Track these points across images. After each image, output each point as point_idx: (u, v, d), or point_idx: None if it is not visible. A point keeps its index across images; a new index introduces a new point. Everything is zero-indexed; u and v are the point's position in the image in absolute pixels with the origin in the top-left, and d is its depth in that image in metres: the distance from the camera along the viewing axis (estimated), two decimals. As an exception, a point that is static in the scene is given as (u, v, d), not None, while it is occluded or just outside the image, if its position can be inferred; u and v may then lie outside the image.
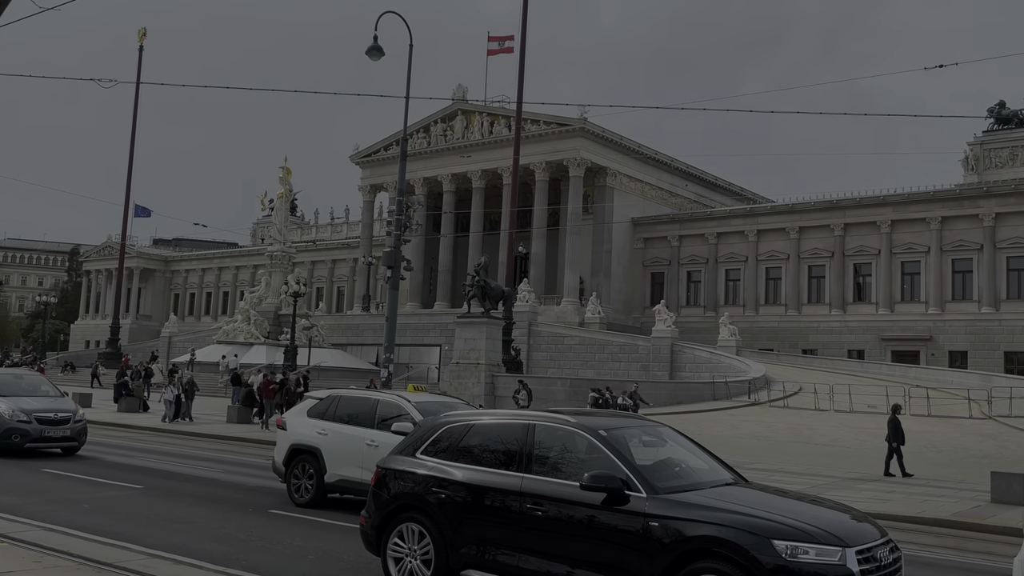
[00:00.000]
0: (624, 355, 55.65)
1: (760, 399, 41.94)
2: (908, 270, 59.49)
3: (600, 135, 67.08)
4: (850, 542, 6.65)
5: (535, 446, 8.03)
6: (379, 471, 8.95)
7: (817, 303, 62.49)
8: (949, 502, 17.10)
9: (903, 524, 14.51)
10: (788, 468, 21.87)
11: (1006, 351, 54.09)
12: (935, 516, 15.40)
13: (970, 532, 14.42)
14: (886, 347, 58.25)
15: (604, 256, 68.64)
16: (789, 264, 63.71)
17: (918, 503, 16.84)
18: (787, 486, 16.00)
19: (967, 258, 57.07)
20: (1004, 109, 61.37)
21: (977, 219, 56.42)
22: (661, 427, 8.80)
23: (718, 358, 51.57)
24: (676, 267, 69.17)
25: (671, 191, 74.79)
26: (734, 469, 8.37)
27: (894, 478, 20.95)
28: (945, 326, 56.59)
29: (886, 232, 59.64)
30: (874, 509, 15.04)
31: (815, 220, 62.73)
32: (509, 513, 7.83)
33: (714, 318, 61.09)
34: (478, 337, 44.39)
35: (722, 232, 67.36)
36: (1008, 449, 28.41)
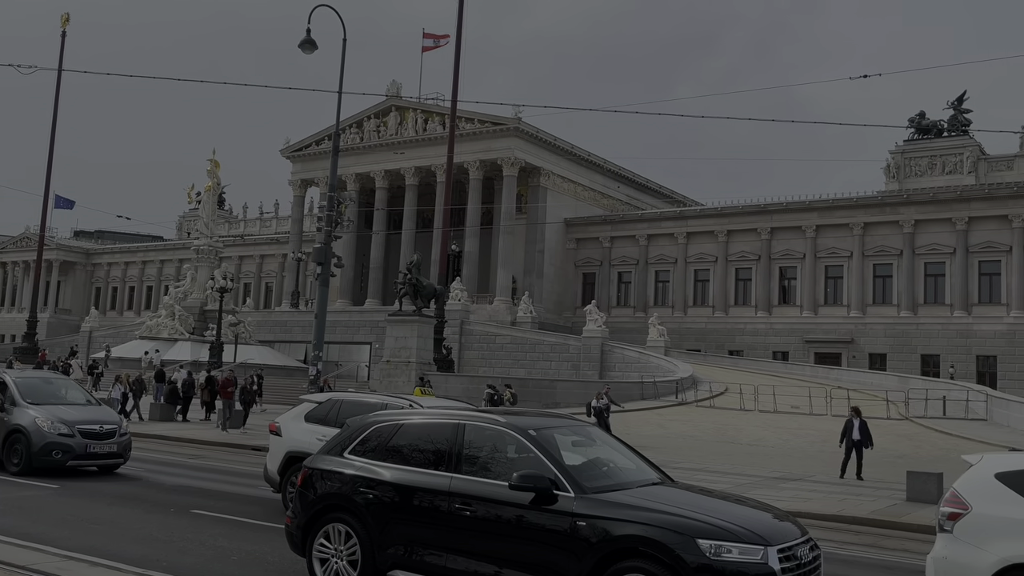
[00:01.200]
0: (555, 354, 56.02)
1: (687, 399, 42.65)
2: (831, 274, 61.12)
3: (534, 135, 67.39)
4: (772, 541, 6.79)
5: (465, 446, 8.02)
6: (305, 471, 8.85)
7: (744, 305, 63.78)
8: (867, 501, 17.59)
9: (823, 522, 14.88)
10: (713, 467, 22.27)
11: (923, 354, 55.97)
12: (854, 514, 15.83)
13: (887, 530, 14.86)
14: (809, 349, 59.77)
15: (537, 256, 68.98)
16: (717, 266, 64.88)
17: (838, 502, 17.30)
18: (712, 485, 16.28)
19: (887, 263, 58.89)
20: (924, 119, 63.48)
21: (897, 226, 58.24)
22: (590, 427, 8.88)
23: (647, 358, 52.28)
24: (607, 268, 69.87)
25: (604, 192, 75.52)
26: (660, 469, 8.48)
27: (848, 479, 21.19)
28: (866, 329, 58.31)
29: (811, 237, 61.17)
30: (796, 508, 15.41)
31: (743, 224, 64.01)
32: (438, 513, 7.81)
33: (644, 319, 61.91)
34: (409, 335, 44.18)
35: (653, 234, 68.27)
36: (923, 449, 29.39)
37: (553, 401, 41.30)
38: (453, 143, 51.42)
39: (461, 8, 48.97)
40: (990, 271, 55.60)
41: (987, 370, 53.68)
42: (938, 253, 57.01)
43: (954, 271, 56.28)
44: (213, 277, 55.88)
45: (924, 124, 63.23)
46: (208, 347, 52.15)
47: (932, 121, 63.36)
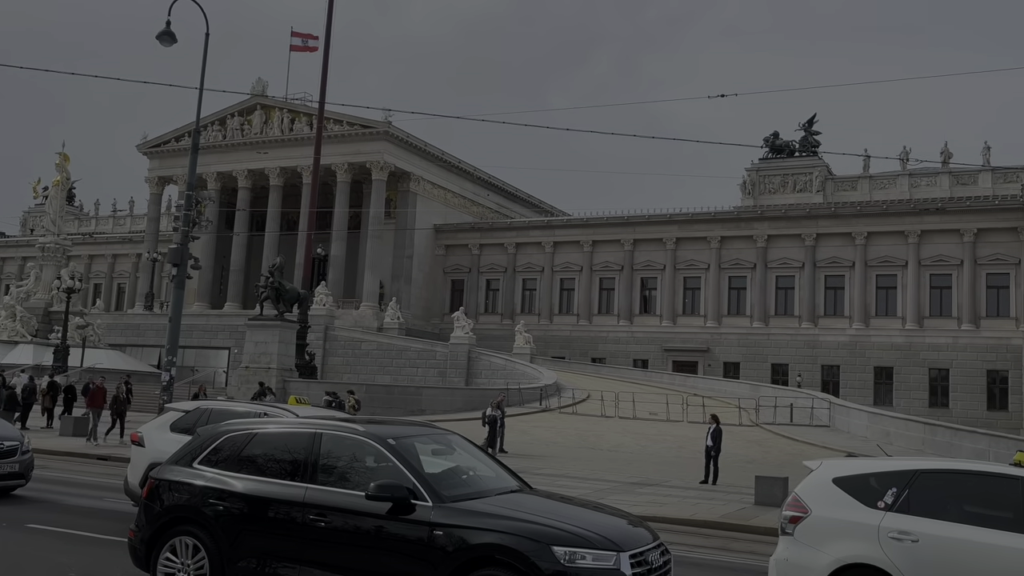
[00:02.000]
0: (422, 361, 55.79)
1: (551, 405, 43.24)
2: (690, 285, 63.39)
3: (405, 140, 67.02)
4: (624, 546, 6.95)
5: (321, 456, 7.88)
6: (152, 482, 8.48)
7: (607, 314, 65.30)
8: (719, 505, 18.28)
9: (677, 526, 15.36)
10: (574, 473, 22.64)
11: (773, 363, 58.75)
12: (705, 518, 16.42)
13: (736, 533, 15.47)
14: (668, 357, 61.75)
15: (405, 261, 68.57)
16: (582, 276, 66.21)
17: (691, 506, 17.90)
18: (572, 491, 16.57)
19: (742, 276, 61.56)
20: (778, 139, 66.74)
21: (752, 240, 60.98)
22: (451, 435, 8.86)
23: (513, 365, 52.74)
24: (476, 275, 70.19)
25: (473, 200, 75.86)
26: (519, 476, 8.55)
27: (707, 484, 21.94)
28: (721, 339, 60.73)
29: (671, 249, 63.29)
30: (651, 512, 15.87)
31: (607, 235, 65.59)
32: (292, 525, 7.64)
33: (511, 326, 62.53)
34: (270, 340, 43.08)
35: (521, 242, 69.06)
36: (772, 454, 30.79)
37: (419, 408, 41.13)
38: (320, 144, 50.62)
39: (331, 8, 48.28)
40: (835, 285, 58.95)
41: (831, 379, 56.82)
42: (788, 267, 60.04)
43: (802, 284, 59.36)
44: (60, 277, 53.00)
45: (778, 144, 66.45)
46: (52, 351, 49.40)
47: (785, 141, 66.66)
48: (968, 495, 8.49)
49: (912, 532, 8.21)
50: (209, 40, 27.24)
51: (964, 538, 8.08)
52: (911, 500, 8.40)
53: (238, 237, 69.84)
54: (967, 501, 8.43)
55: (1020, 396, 51.11)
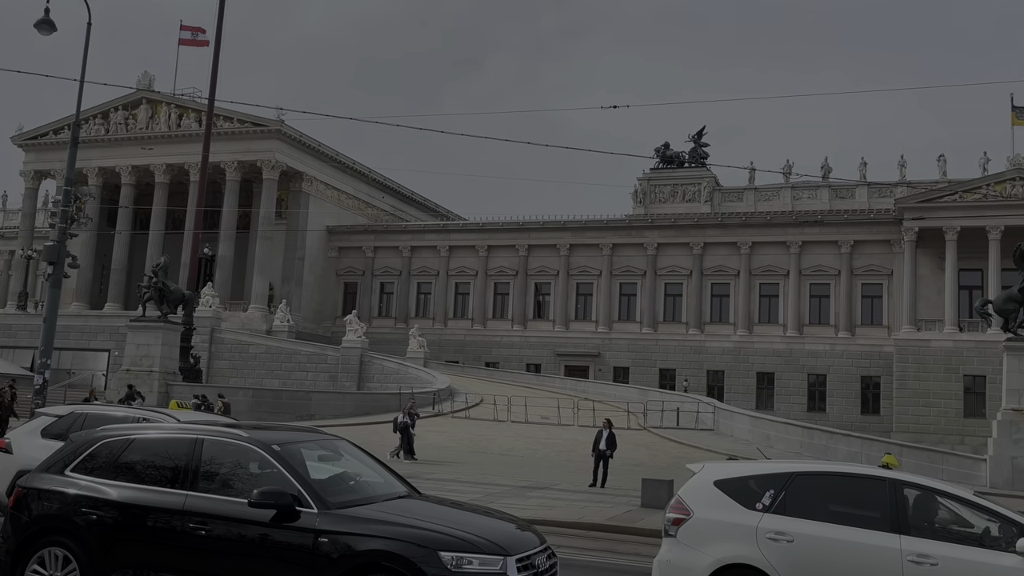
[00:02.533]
0: (312, 365, 54.87)
1: (444, 410, 43.15)
2: (582, 291, 64.31)
3: (298, 139, 65.83)
4: (511, 551, 7.00)
5: (203, 462, 7.66)
6: (19, 491, 8.09)
7: (501, 319, 65.62)
8: (607, 507, 18.58)
9: (566, 529, 15.52)
10: (465, 478, 22.64)
11: (661, 368, 60.15)
12: (593, 521, 16.66)
13: (622, 535, 15.74)
14: (560, 362, 62.48)
15: (297, 263, 67.29)
16: (477, 280, 66.35)
17: (579, 509, 18.14)
18: (463, 496, 16.56)
19: (633, 282, 62.83)
20: (668, 150, 68.29)
21: (642, 248, 62.32)
22: (338, 441, 8.75)
23: (406, 369, 52.42)
24: (370, 278, 69.46)
25: (368, 202, 75.05)
26: (408, 482, 8.51)
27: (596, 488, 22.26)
28: (612, 344, 61.82)
29: (565, 255, 64.08)
30: (541, 516, 16.01)
31: (503, 240, 65.92)
32: (171, 534, 7.41)
33: (404, 330, 62.14)
34: (153, 343, 41.62)
35: (416, 246, 68.71)
36: (659, 457, 31.49)
37: (308, 413, 40.41)
38: (209, 141, 49.18)
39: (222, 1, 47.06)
40: (721, 293, 60.79)
41: (716, 384, 58.55)
42: (677, 275, 61.60)
43: (690, 292, 61.00)
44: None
45: (668, 154, 67.98)
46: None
47: (675, 152, 68.26)
48: (840, 496, 8.87)
49: (788, 532, 8.52)
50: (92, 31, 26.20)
51: (836, 537, 8.44)
52: (787, 502, 8.72)
53: (120, 235, 67.18)
54: (839, 502, 8.80)
55: (891, 401, 53.79)
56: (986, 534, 8.29)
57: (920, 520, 8.49)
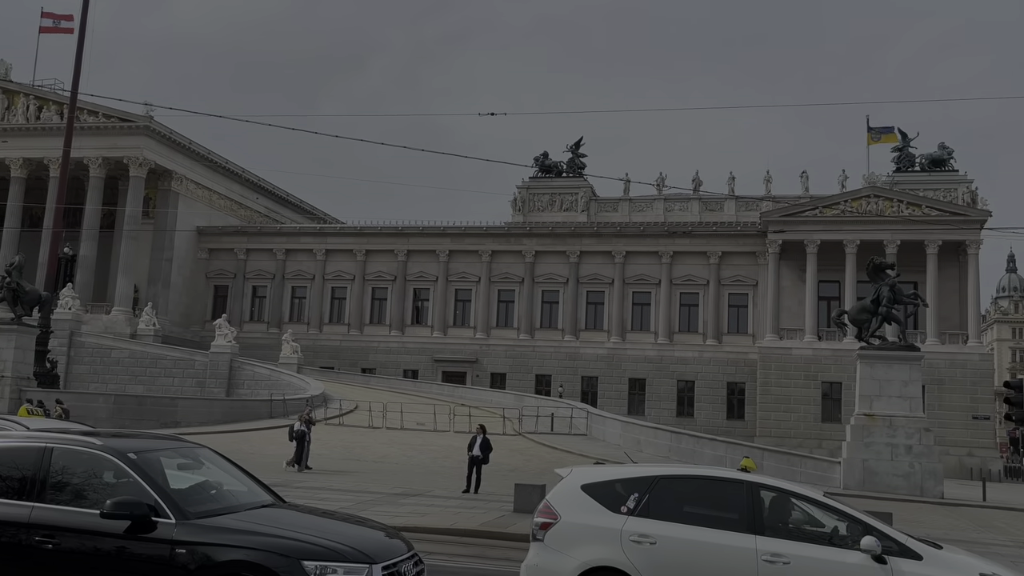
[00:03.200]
0: (179, 370, 53.04)
1: (318, 417, 42.32)
2: (461, 297, 64.40)
3: (167, 136, 63.48)
4: (377, 559, 6.93)
5: (52, 472, 7.28)
6: None
7: (379, 324, 64.96)
8: (479, 513, 18.63)
9: (438, 536, 15.48)
10: (337, 485, 22.30)
11: (537, 373, 60.85)
12: (465, 527, 16.67)
13: (494, 540, 15.80)
14: (438, 367, 62.36)
15: (164, 264, 64.83)
16: (355, 285, 65.50)
17: (452, 515, 18.13)
18: (334, 504, 16.33)
19: (511, 289, 63.35)
20: (547, 159, 69.17)
21: (520, 255, 62.95)
22: (199, 448, 8.48)
23: (279, 375, 51.30)
24: (242, 281, 67.60)
25: (241, 202, 73.03)
26: (273, 491, 8.32)
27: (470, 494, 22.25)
28: (489, 350, 62.12)
29: (444, 261, 64.04)
30: (413, 523, 15.93)
31: (381, 244, 65.33)
32: (16, 548, 7.01)
33: (277, 335, 60.76)
34: (5, 346, 39.27)
35: (291, 248, 67.30)
36: (532, 463, 31.82)
37: (174, 420, 39.00)
38: (71, 135, 46.75)
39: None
40: (596, 300, 62.00)
41: (590, 389, 59.63)
42: (554, 282, 62.48)
43: (566, 299, 61.95)
44: None
45: (547, 164, 68.87)
46: None
47: (554, 162, 69.22)
48: (701, 498, 9.17)
49: (651, 535, 8.75)
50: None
51: (696, 539, 8.72)
52: (651, 505, 8.95)
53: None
54: (700, 504, 9.10)
55: (755, 406, 56.06)
56: (835, 533, 8.73)
57: (775, 521, 8.86)
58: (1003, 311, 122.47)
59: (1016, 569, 9.57)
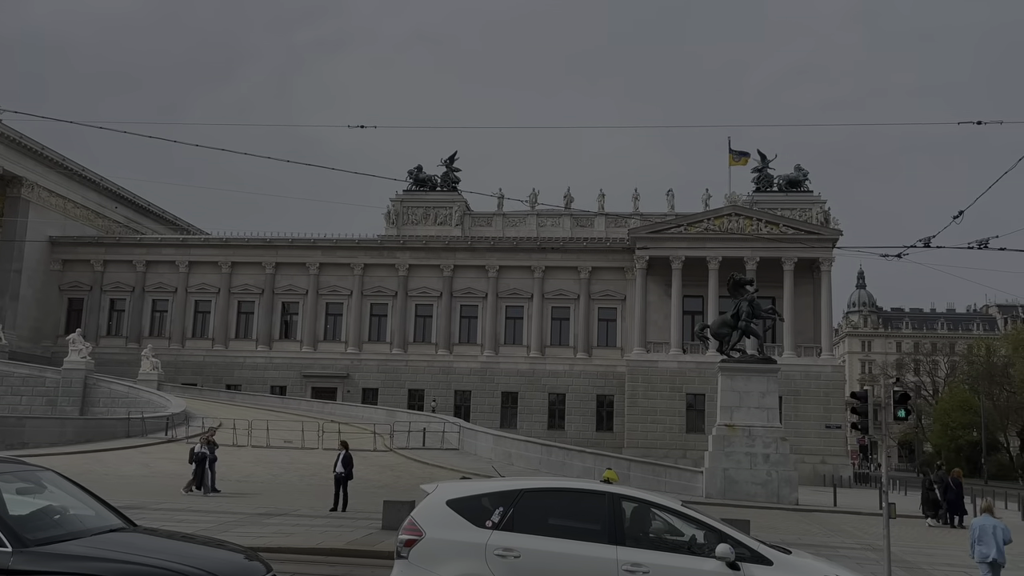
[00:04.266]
0: (28, 388, 50.14)
1: (178, 435, 40.83)
2: (332, 311, 63.36)
3: (16, 140, 59.99)
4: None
5: None
6: None
7: (245, 339, 63.17)
8: (347, 531, 18.32)
9: (303, 555, 15.15)
10: (196, 507, 21.52)
11: (410, 388, 60.46)
12: (332, 546, 16.34)
13: (361, 559, 15.56)
14: (308, 383, 61.09)
15: (13, 276, 61.19)
16: (220, 298, 63.52)
17: (319, 534, 17.76)
18: (193, 526, 15.76)
19: (384, 303, 62.78)
20: (422, 173, 69.01)
21: (394, 268, 62.52)
22: (42, 471, 8.02)
23: (137, 392, 49.24)
24: (99, 294, 64.51)
25: (99, 212, 69.73)
26: (123, 514, 7.94)
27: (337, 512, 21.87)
28: (361, 365, 61.33)
29: (315, 274, 62.91)
30: (278, 544, 15.53)
31: (248, 256, 63.62)
32: None
33: (137, 350, 58.29)
34: None
35: (152, 260, 64.72)
36: (403, 479, 31.55)
37: (21, 441, 36.84)
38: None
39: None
40: (470, 314, 62.14)
41: (463, 403, 59.67)
42: (428, 296, 62.30)
43: (440, 313, 61.86)
44: None
45: (421, 177, 68.70)
46: None
47: (428, 175, 69.12)
48: (565, 511, 9.29)
49: (515, 548, 8.79)
50: None
51: (559, 551, 8.82)
52: (515, 518, 9.00)
53: None
54: (564, 516, 9.21)
55: (623, 418, 57.34)
56: (693, 541, 8.99)
57: (636, 531, 9.07)
58: (853, 325, 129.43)
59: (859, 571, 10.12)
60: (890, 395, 17.11)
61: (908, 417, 17.79)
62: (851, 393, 22.72)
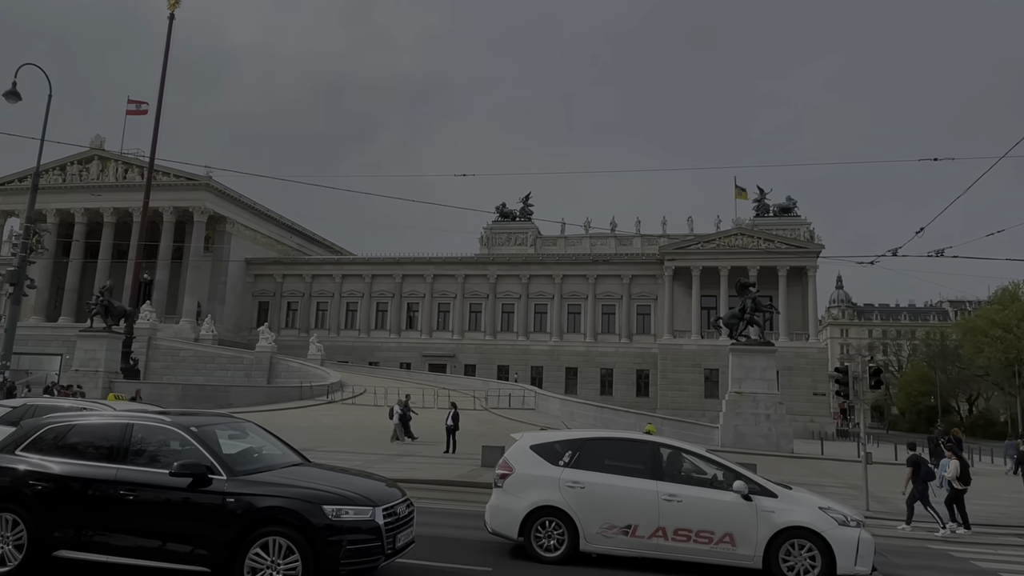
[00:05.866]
0: (231, 365, 51.97)
1: (335, 398, 41.79)
2: (442, 309, 63.99)
3: (223, 191, 62.47)
4: (378, 503, 6.87)
5: (133, 442, 7.12)
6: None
7: (382, 329, 64.30)
8: (456, 468, 18.48)
9: (426, 485, 15.33)
10: (350, 449, 21.95)
11: (498, 364, 60.57)
12: (445, 478, 16.53)
13: (466, 488, 15.70)
14: (426, 361, 61.80)
15: (220, 286, 63.64)
16: (363, 300, 64.81)
17: (436, 470, 17.95)
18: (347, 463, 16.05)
19: (479, 303, 63.11)
20: (505, 208, 69.26)
21: (486, 278, 62.80)
22: (245, 423, 8.33)
23: (306, 368, 50.54)
24: (279, 298, 66.59)
25: (278, 240, 72.04)
26: (301, 453, 8.19)
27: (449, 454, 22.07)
28: (463, 348, 61.75)
29: (430, 282, 63.63)
30: (407, 476, 15.75)
31: (383, 270, 64.79)
32: (106, 499, 6.84)
33: (306, 338, 59.88)
34: (99, 348, 38.32)
35: (316, 274, 66.48)
36: (495, 430, 31.60)
37: (227, 403, 38.08)
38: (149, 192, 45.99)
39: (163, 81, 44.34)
40: (541, 311, 61.73)
41: (538, 376, 59.40)
42: (511, 297, 62.31)
43: (520, 309, 61.70)
44: None
45: (505, 211, 68.95)
46: None
47: (510, 209, 69.30)
48: (617, 454, 9.24)
49: (580, 481, 8.78)
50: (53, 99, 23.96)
51: (613, 484, 8.77)
52: (580, 459, 8.99)
53: (73, 262, 61.56)
54: (616, 458, 9.17)
55: (656, 387, 56.36)
56: (714, 479, 8.82)
57: (671, 470, 8.95)
58: (834, 317, 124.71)
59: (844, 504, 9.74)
60: (866, 370, 16.42)
61: (879, 387, 17.06)
62: (835, 368, 21.87)
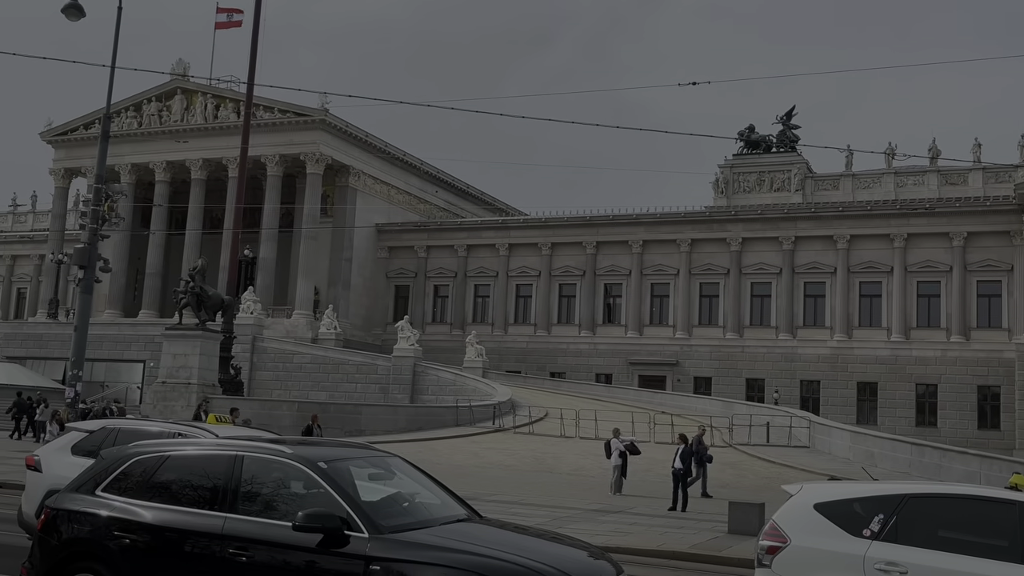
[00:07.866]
0: (362, 376, 55.47)
1: (505, 425, 43.16)
2: (658, 292, 63.76)
3: (343, 129, 66.60)
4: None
5: (243, 481, 7.67)
6: (48, 512, 8.21)
7: (567, 324, 65.42)
8: (689, 533, 18.32)
9: (643, 558, 15.32)
10: (530, 500, 22.54)
11: (747, 377, 59.35)
12: (674, 549, 16.41)
13: (707, 564, 15.49)
14: (634, 371, 62.03)
15: (344, 265, 68.06)
16: (540, 281, 66.25)
17: (658, 535, 17.91)
18: (527, 519, 16.50)
19: (714, 282, 62.11)
20: (753, 133, 67.43)
21: (725, 243, 61.60)
22: (391, 458, 8.71)
23: (463, 380, 52.60)
24: (423, 280, 69.92)
25: (420, 196, 75.62)
26: (468, 504, 8.42)
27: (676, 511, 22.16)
28: (691, 351, 61.18)
29: (637, 252, 63.62)
30: (615, 543, 15.82)
31: (568, 236, 65.76)
32: (210, 559, 7.42)
33: (461, 337, 62.36)
34: (191, 352, 42.39)
35: (472, 244, 68.92)
36: (746, 478, 31.01)
37: (357, 428, 40.75)
38: (248, 133, 49.90)
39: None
40: (815, 293, 59.72)
41: (811, 395, 57.52)
42: (765, 273, 60.69)
43: (780, 292, 60.01)
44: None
45: (753, 138, 67.11)
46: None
47: (761, 136, 67.38)
48: (961, 522, 8.57)
49: (900, 563, 8.25)
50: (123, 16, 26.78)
51: (956, 569, 8.15)
52: (899, 528, 8.45)
53: (155, 236, 68.85)
54: (960, 528, 8.50)
55: (1012, 414, 52.26)
56: None
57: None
58: None
59: None
60: None
61: None
62: None
